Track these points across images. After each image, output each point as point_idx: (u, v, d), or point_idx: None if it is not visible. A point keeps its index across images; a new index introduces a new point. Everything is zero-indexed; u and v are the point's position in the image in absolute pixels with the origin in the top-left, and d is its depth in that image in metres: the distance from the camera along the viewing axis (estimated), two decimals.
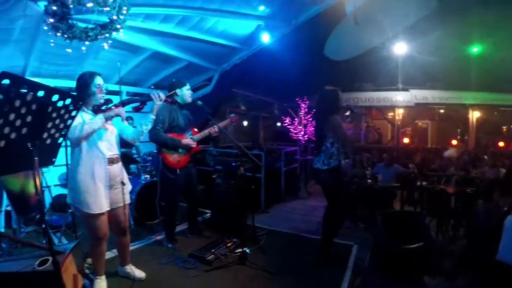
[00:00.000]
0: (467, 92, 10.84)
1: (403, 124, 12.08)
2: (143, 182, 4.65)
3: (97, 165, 2.73)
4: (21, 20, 4.10)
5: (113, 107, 2.83)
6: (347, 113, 3.82)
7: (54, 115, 1.89)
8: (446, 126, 13.29)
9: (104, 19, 3.89)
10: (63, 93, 1.87)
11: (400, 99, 11.11)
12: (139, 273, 3.19)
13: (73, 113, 2.02)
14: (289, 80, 7.09)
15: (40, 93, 1.71)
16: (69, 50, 4.00)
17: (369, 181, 5.68)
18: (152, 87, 6.54)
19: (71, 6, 3.49)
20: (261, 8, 4.95)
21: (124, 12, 3.74)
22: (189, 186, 4.06)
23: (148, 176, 4.90)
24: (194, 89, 6.78)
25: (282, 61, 5.94)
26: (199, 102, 3.71)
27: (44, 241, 3.86)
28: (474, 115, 11.72)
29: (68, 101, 1.92)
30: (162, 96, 2.99)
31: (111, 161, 2.82)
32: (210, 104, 4.00)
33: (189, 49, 5.72)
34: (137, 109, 3.08)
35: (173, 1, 4.27)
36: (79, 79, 2.82)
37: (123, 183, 2.90)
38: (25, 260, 2.68)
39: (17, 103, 1.58)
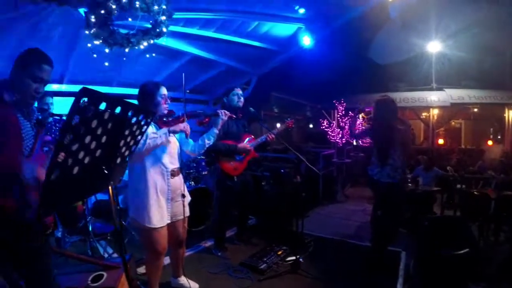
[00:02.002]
0: (503, 91, 10.43)
1: (437, 125, 11.73)
2: (188, 189, 4.60)
3: (159, 179, 2.69)
4: (61, 27, 4.15)
5: (179, 123, 2.78)
6: None
7: (127, 132, 1.73)
8: (480, 126, 12.86)
9: (145, 24, 3.89)
10: (137, 108, 1.72)
11: (435, 99, 10.77)
12: (193, 285, 3.12)
13: (144, 129, 1.90)
14: (324, 82, 7.00)
15: (117, 110, 1.52)
16: (106, 64, 4.00)
17: (410, 185, 5.52)
18: (188, 91, 6.56)
19: (114, 12, 3.49)
20: (301, 11, 4.87)
21: (167, 18, 3.72)
22: (243, 194, 3.99)
23: (193, 182, 4.86)
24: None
25: (318, 63, 5.86)
26: (252, 109, 3.65)
27: (89, 252, 3.91)
28: (510, 114, 11.27)
29: (140, 116, 1.78)
30: (228, 113, 2.97)
31: (173, 174, 2.78)
32: (247, 108, 3.95)
33: (228, 53, 5.72)
34: (200, 123, 3.04)
35: (215, 5, 4.24)
36: (143, 89, 2.78)
37: (183, 196, 2.85)
38: (77, 274, 2.65)
39: (94, 123, 1.38)
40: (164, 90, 2.78)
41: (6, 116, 1.77)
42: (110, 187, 1.56)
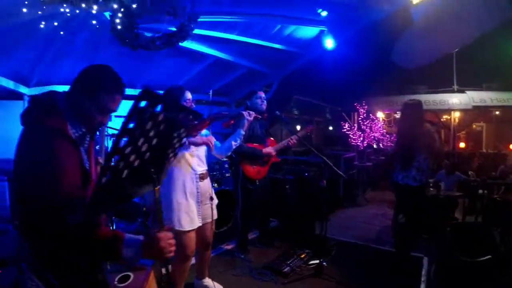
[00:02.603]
0: None
1: (458, 128, 11.50)
2: None
3: (189, 182, 2.73)
4: (85, 30, 4.24)
5: (202, 138, 2.81)
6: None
7: (175, 134, 1.53)
8: (502, 129, 12.55)
9: (170, 27, 3.95)
10: (188, 110, 1.59)
11: (457, 101, 10.55)
12: (218, 287, 3.14)
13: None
14: (345, 84, 6.97)
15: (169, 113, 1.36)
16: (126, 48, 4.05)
17: (432, 189, 5.43)
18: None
19: (140, 16, 3.54)
20: (324, 13, 4.86)
21: (192, 21, 3.76)
22: (265, 197, 4.00)
23: (216, 184, 4.89)
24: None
25: (339, 65, 5.84)
26: (278, 112, 3.65)
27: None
28: None
29: (189, 117, 1.59)
30: (253, 114, 2.97)
31: (202, 177, 2.81)
32: (270, 111, 3.96)
33: (250, 55, 5.76)
34: (227, 125, 3.07)
35: (238, 8, 4.26)
36: (168, 93, 2.82)
37: (211, 198, 2.88)
38: None
39: (149, 125, 1.25)
40: (188, 95, 2.80)
41: (77, 157, 1.43)
42: (156, 190, 1.46)
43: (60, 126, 1.37)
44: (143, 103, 1.16)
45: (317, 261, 3.58)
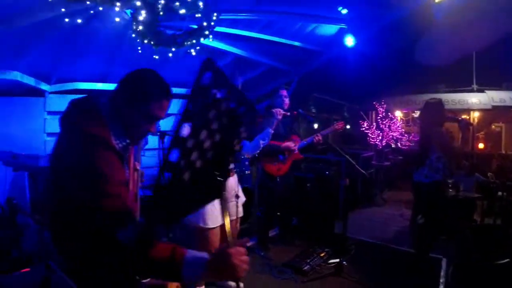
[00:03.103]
0: None
1: (478, 128, 11.29)
2: None
3: None
4: (106, 27, 4.27)
5: None
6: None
7: (236, 133, 1.28)
8: None
9: (192, 24, 3.95)
10: (251, 105, 1.29)
11: (476, 101, 10.36)
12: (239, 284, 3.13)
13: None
14: (363, 82, 6.92)
15: (232, 103, 1.19)
16: (156, 57, 4.09)
17: (451, 190, 5.35)
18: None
19: (160, 13, 3.55)
20: (344, 11, 4.82)
21: (214, 18, 3.76)
22: (285, 195, 3.99)
23: None
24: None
25: (358, 63, 5.80)
26: (300, 110, 3.64)
27: None
28: None
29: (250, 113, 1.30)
30: (281, 112, 2.96)
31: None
32: (289, 109, 3.95)
33: (271, 53, 5.74)
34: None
35: (259, 6, 4.25)
36: None
37: (237, 196, 2.88)
38: None
39: (212, 114, 1.08)
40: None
41: (120, 167, 1.36)
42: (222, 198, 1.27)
43: (104, 134, 1.29)
44: (206, 78, 1.01)
45: (337, 260, 3.57)
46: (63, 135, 1.32)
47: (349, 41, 5.25)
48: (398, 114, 8.48)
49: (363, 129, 7.19)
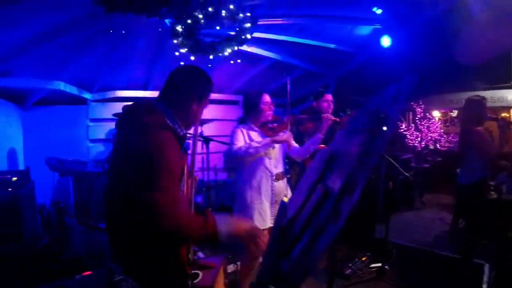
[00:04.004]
0: None
1: None
2: None
3: (264, 182, 2.79)
4: (147, 36, 4.42)
5: (283, 134, 2.86)
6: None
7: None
8: None
9: (229, 31, 4.02)
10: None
11: None
12: None
13: None
14: (399, 82, 6.76)
15: None
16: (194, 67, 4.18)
17: (493, 192, 5.11)
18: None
19: (200, 22, 3.64)
20: (379, 11, 4.75)
21: (251, 25, 3.81)
22: None
23: None
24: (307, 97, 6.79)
25: (395, 63, 5.68)
26: (341, 114, 3.62)
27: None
28: None
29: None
30: (331, 117, 3.00)
31: (277, 178, 2.87)
32: (333, 113, 3.94)
33: (306, 56, 5.76)
34: (304, 128, 3.11)
35: (294, 10, 4.26)
36: (246, 97, 2.93)
37: (283, 202, 2.91)
38: None
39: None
40: (267, 98, 2.87)
41: (178, 149, 1.51)
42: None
43: (161, 120, 1.46)
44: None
45: (379, 265, 3.52)
46: (122, 133, 1.49)
47: (385, 41, 5.18)
48: (436, 114, 8.18)
49: (402, 130, 7.00)
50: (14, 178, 3.24)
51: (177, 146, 1.48)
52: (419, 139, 7.00)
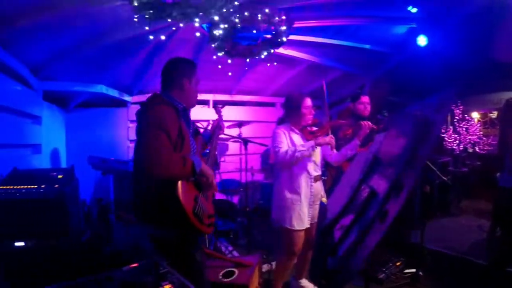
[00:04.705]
0: None
1: None
2: None
3: (304, 185, 2.83)
4: (185, 42, 4.52)
5: (325, 137, 2.90)
6: None
7: None
8: None
9: (265, 34, 4.07)
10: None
11: None
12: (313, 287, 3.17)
13: None
14: (439, 83, 6.53)
15: None
16: (230, 74, 4.27)
17: None
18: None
19: (237, 26, 3.70)
20: (414, 10, 4.66)
21: (287, 27, 3.84)
22: None
23: None
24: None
25: (432, 63, 5.52)
26: (379, 116, 3.59)
27: (211, 248, 4.19)
28: None
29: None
30: (370, 125, 3.04)
31: (316, 179, 2.90)
32: (370, 117, 3.89)
33: (342, 57, 5.71)
34: (343, 134, 3.15)
35: (330, 12, 4.24)
36: (288, 100, 2.98)
37: (323, 203, 2.96)
38: (207, 269, 2.84)
39: None
40: (308, 101, 2.91)
41: (180, 122, 1.99)
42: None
43: (159, 99, 2.04)
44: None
45: (413, 270, 3.45)
46: (138, 119, 2.00)
47: (422, 40, 5.07)
48: (475, 115, 7.84)
49: (440, 133, 6.77)
50: (60, 176, 3.36)
51: (173, 112, 1.96)
52: (457, 141, 6.76)
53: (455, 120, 7.01)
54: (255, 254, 3.32)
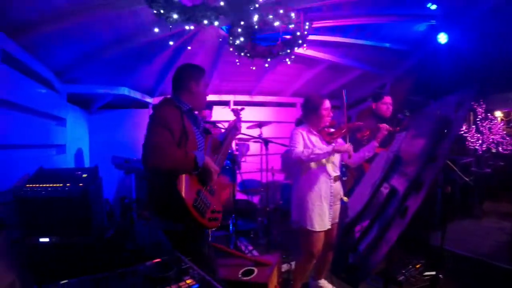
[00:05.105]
0: None
1: None
2: None
3: (324, 185, 2.85)
4: (205, 43, 4.58)
5: (341, 141, 2.91)
6: None
7: None
8: None
9: (285, 35, 4.08)
10: None
11: None
12: None
13: None
14: (460, 80, 6.38)
15: None
16: (254, 68, 4.30)
17: None
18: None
19: (256, 27, 3.73)
20: (433, 7, 4.58)
21: (307, 27, 3.85)
22: None
23: None
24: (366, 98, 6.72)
25: (453, 61, 5.41)
26: (400, 115, 3.57)
27: (232, 247, 4.25)
28: None
29: None
30: (388, 127, 3.04)
31: (335, 180, 2.91)
32: (391, 118, 3.86)
33: (362, 57, 5.68)
34: (361, 136, 3.16)
35: (350, 11, 4.23)
36: (307, 101, 3.00)
37: (342, 200, 2.96)
38: (227, 267, 2.90)
39: None
40: (327, 103, 2.93)
41: (184, 122, 2.14)
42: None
43: (166, 101, 2.22)
44: None
45: (433, 273, 3.41)
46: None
47: (442, 38, 4.99)
48: (498, 114, 7.61)
49: (461, 132, 6.59)
50: (84, 175, 3.46)
51: (177, 113, 2.12)
52: (480, 141, 6.58)
53: (477, 119, 6.82)
54: (274, 254, 3.34)
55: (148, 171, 2.08)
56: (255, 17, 3.43)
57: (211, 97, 6.05)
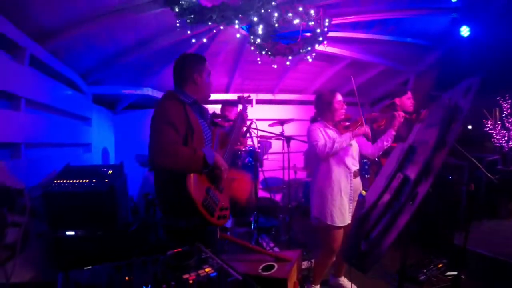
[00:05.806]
0: None
1: None
2: None
3: (343, 180, 2.85)
4: (227, 43, 4.64)
5: (360, 128, 2.91)
6: None
7: None
8: None
9: (305, 33, 4.09)
10: None
11: None
12: (353, 286, 3.15)
13: None
14: (484, 75, 6.17)
15: None
16: (275, 66, 4.33)
17: None
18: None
19: (275, 25, 3.76)
20: None
21: (326, 24, 3.85)
22: None
23: None
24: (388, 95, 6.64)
25: (477, 55, 5.25)
26: (422, 111, 3.54)
27: (253, 243, 4.28)
28: None
29: None
30: (403, 114, 3.00)
31: (355, 175, 2.92)
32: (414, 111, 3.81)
33: (383, 53, 5.61)
34: (378, 126, 3.14)
35: (368, 6, 4.19)
36: (319, 98, 3.01)
37: (361, 195, 2.96)
38: (248, 262, 2.90)
39: None
40: (339, 97, 2.93)
41: (189, 115, 2.08)
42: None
43: (169, 94, 2.14)
44: None
45: (455, 273, 3.34)
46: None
47: (464, 31, 4.86)
48: None
49: (487, 129, 6.35)
50: (110, 171, 3.56)
51: (179, 106, 2.05)
52: (506, 138, 6.34)
53: (503, 115, 6.57)
54: (295, 250, 3.35)
55: (155, 170, 2.09)
56: (275, 15, 3.46)
57: (234, 96, 6.11)
